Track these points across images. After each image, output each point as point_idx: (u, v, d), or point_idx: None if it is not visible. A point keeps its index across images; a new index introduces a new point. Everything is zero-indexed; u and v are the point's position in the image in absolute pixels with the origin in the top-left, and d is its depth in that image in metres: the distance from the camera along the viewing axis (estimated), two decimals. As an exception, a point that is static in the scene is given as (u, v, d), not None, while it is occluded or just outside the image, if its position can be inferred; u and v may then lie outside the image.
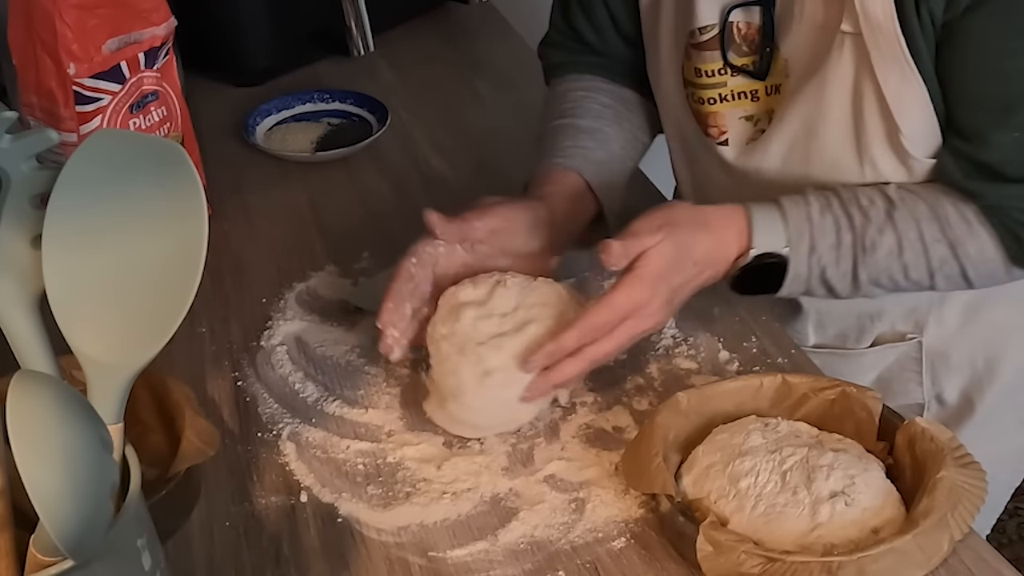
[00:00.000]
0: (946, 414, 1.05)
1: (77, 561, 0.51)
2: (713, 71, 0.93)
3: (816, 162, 0.89)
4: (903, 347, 1.02)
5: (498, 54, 1.50)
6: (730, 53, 0.91)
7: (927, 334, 1.01)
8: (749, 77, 0.91)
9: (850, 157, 0.87)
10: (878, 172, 0.87)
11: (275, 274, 1.03)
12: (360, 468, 0.81)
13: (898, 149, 0.85)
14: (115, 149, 0.59)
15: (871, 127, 0.85)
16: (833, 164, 0.88)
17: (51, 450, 0.50)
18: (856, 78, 0.83)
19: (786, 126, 0.89)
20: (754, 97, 0.92)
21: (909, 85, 0.82)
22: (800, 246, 0.84)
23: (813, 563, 0.66)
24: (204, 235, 0.56)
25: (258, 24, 1.37)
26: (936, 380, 1.03)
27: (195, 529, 0.77)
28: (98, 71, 0.96)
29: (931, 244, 0.84)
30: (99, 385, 0.57)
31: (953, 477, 0.71)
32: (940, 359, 1.02)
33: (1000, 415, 1.05)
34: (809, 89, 0.86)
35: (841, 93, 0.85)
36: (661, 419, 0.77)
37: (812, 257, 0.84)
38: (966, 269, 0.85)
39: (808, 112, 0.87)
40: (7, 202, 0.57)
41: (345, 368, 0.91)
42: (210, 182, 1.08)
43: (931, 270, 0.85)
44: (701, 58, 0.93)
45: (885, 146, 0.85)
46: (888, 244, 0.84)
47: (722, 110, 0.94)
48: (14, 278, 0.57)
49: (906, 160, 0.85)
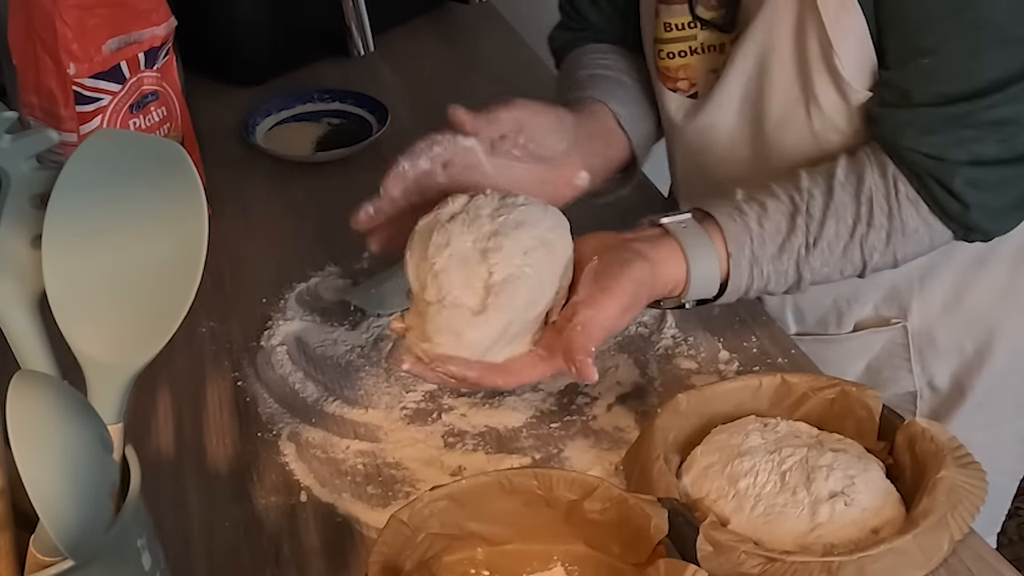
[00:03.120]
0: (939, 400, 1.05)
1: (77, 561, 0.51)
2: (683, 24, 0.93)
3: (767, 100, 0.89)
4: (888, 332, 1.02)
5: (498, 54, 1.50)
6: (698, 7, 0.92)
7: (911, 319, 1.01)
8: (716, 30, 0.92)
9: (796, 89, 0.87)
10: (820, 106, 0.86)
11: (275, 274, 1.03)
12: (360, 468, 0.81)
13: (836, 77, 0.84)
14: (115, 149, 0.59)
15: (811, 52, 0.84)
16: (783, 100, 0.88)
17: (51, 450, 0.50)
18: (800, 5, 0.84)
19: (739, 66, 0.90)
20: (721, 50, 0.93)
21: (847, 11, 0.81)
22: (741, 263, 0.81)
23: (813, 563, 0.66)
24: (204, 235, 0.56)
25: (258, 24, 1.37)
26: (926, 366, 1.03)
27: (195, 529, 0.77)
28: (98, 71, 0.96)
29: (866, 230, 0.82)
30: (99, 385, 0.57)
31: (953, 477, 0.71)
32: (927, 344, 1.02)
33: (994, 401, 1.05)
34: (758, 25, 0.87)
35: (786, 22, 0.85)
36: (661, 421, 0.77)
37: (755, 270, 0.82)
38: (895, 249, 0.83)
39: (758, 48, 0.88)
40: (7, 202, 0.57)
41: (345, 368, 0.91)
42: (210, 182, 1.07)
43: (864, 260, 0.83)
44: (670, 12, 0.94)
45: (825, 75, 0.85)
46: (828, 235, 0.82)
47: (692, 63, 0.95)
48: (14, 278, 0.57)
49: (844, 89, 0.85)
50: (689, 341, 0.93)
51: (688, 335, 0.94)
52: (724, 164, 0.97)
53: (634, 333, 0.94)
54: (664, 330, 0.94)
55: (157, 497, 0.76)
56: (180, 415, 0.87)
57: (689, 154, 1.01)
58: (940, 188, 0.81)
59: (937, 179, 0.80)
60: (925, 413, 1.06)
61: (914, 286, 0.99)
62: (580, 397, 0.87)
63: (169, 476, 0.82)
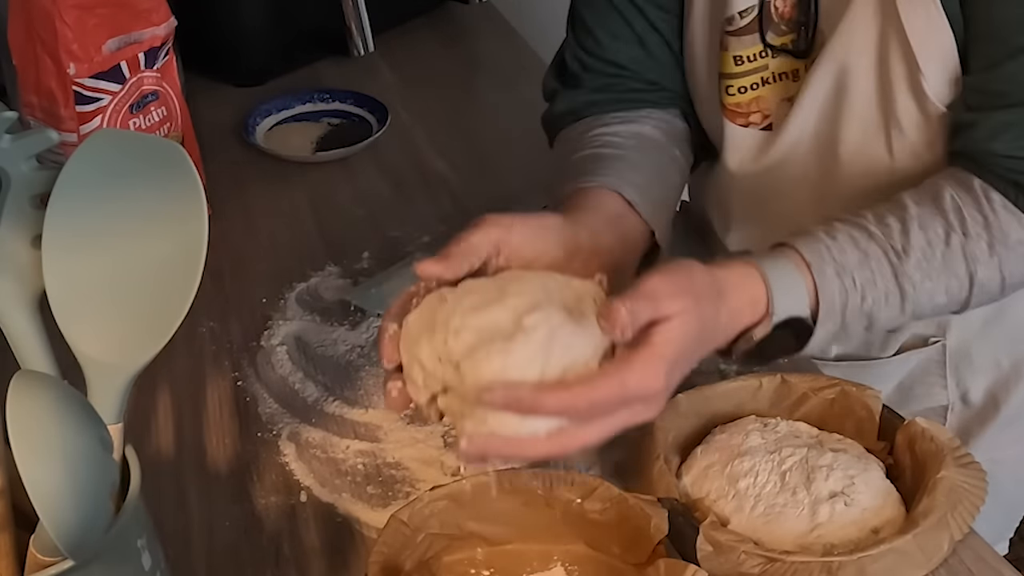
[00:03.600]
0: (971, 414, 1.02)
1: (77, 561, 0.51)
2: (754, 55, 0.89)
3: (844, 123, 0.85)
4: (926, 352, 0.98)
5: (498, 54, 1.50)
6: (768, 34, 0.88)
7: (950, 336, 0.97)
8: (790, 56, 0.88)
9: (876, 111, 0.83)
10: (901, 128, 0.82)
11: (275, 274, 1.03)
12: (360, 468, 0.81)
13: (919, 95, 0.80)
14: (115, 149, 0.59)
15: (895, 72, 0.80)
16: (861, 123, 0.84)
17: (51, 450, 0.50)
18: (882, 24, 0.80)
19: (816, 90, 0.85)
20: (795, 77, 0.89)
21: (933, 23, 0.78)
22: (826, 272, 0.71)
23: (813, 563, 0.66)
24: (204, 235, 0.56)
25: (258, 24, 1.37)
26: (961, 381, 1.00)
27: (195, 529, 0.77)
28: (98, 71, 0.96)
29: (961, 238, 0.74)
30: (99, 385, 0.57)
31: (953, 477, 0.71)
32: (964, 360, 0.99)
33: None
34: (835, 46, 0.83)
35: (867, 42, 0.81)
36: (661, 422, 0.77)
37: (844, 279, 0.72)
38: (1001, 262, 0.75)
39: (836, 70, 0.84)
40: (7, 202, 0.57)
41: (345, 368, 0.91)
42: (210, 182, 1.07)
43: (970, 273, 0.75)
44: (740, 44, 0.89)
45: (908, 94, 0.81)
46: (919, 245, 0.73)
47: (764, 94, 0.90)
48: (14, 278, 0.57)
49: (927, 109, 0.81)
50: (689, 341, 0.93)
51: (688, 335, 0.93)
52: (792, 198, 0.92)
53: (634, 333, 0.94)
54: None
55: (157, 497, 0.76)
56: (180, 415, 0.87)
57: (755, 192, 0.95)
58: None
59: None
60: (955, 426, 1.02)
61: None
62: (580, 397, 0.87)
63: (169, 476, 0.82)
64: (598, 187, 0.81)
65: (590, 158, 0.86)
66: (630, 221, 0.81)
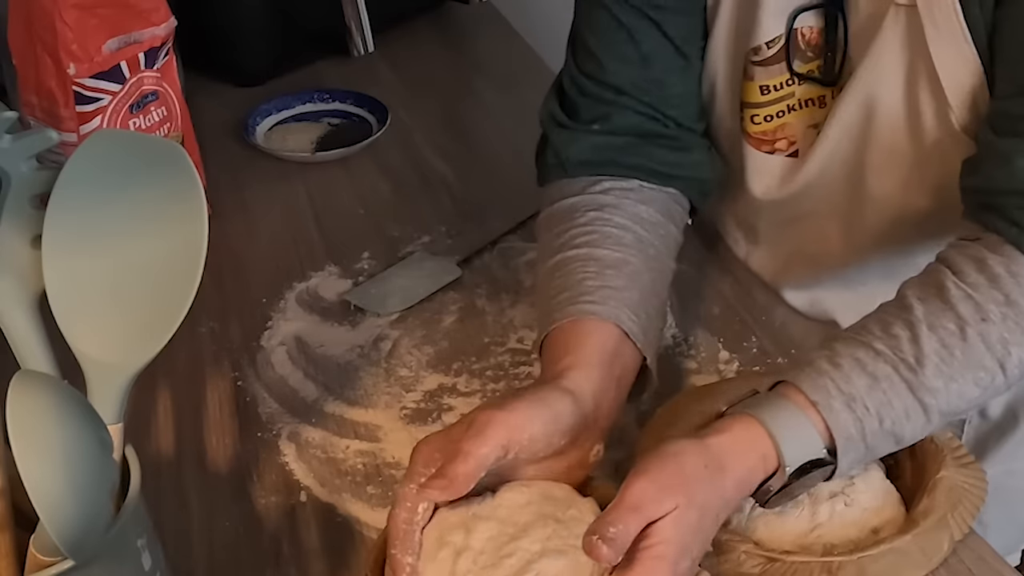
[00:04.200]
0: (988, 428, 1.00)
1: (77, 561, 0.51)
2: (780, 84, 0.88)
3: (872, 151, 0.84)
4: None
5: (498, 54, 1.50)
6: (795, 62, 0.87)
7: None
8: (816, 84, 0.87)
9: (904, 142, 0.81)
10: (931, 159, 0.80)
11: (275, 274, 1.03)
12: (360, 468, 0.81)
13: (948, 130, 0.79)
14: (115, 149, 0.59)
15: (924, 106, 0.79)
16: (889, 152, 0.83)
17: (51, 450, 0.50)
18: (911, 57, 0.79)
19: (843, 118, 0.84)
20: (821, 103, 0.88)
21: (963, 58, 0.76)
22: (833, 406, 0.66)
23: (813, 563, 0.66)
24: (204, 235, 0.56)
25: (258, 24, 1.37)
26: None
27: (195, 529, 0.77)
28: (98, 71, 0.96)
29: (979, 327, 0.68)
30: (99, 385, 0.57)
31: (953, 477, 0.71)
32: None
33: None
34: (863, 75, 0.81)
35: (895, 74, 0.80)
36: (661, 422, 0.77)
37: (856, 408, 0.67)
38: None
39: (863, 99, 0.82)
40: (7, 202, 0.57)
41: (345, 368, 0.91)
42: (210, 182, 1.08)
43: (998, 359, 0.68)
44: (767, 74, 0.88)
45: (936, 126, 0.79)
46: (932, 350, 0.67)
47: (790, 121, 0.89)
48: (14, 278, 0.57)
49: (958, 143, 0.78)
50: (689, 341, 0.93)
51: (688, 335, 0.93)
52: (820, 222, 0.91)
53: (634, 333, 0.94)
54: (664, 330, 0.94)
55: (157, 497, 0.76)
56: (180, 415, 0.87)
57: (782, 215, 0.94)
58: None
59: None
60: (971, 440, 0.99)
61: None
62: (580, 397, 0.87)
63: (169, 476, 0.82)
64: (595, 319, 0.75)
65: (586, 263, 0.79)
66: (625, 357, 0.75)
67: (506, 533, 0.64)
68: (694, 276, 1.00)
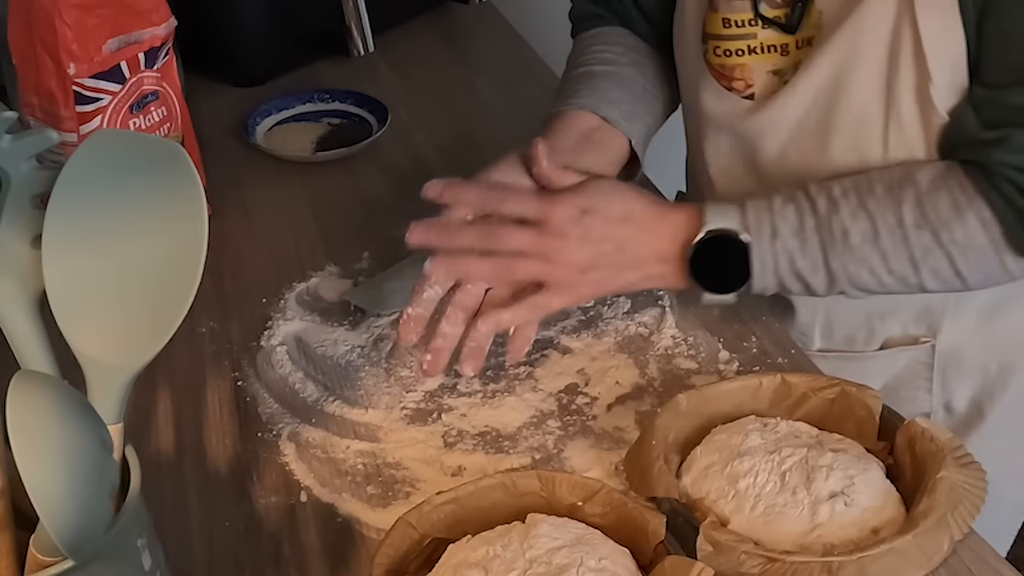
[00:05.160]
0: (953, 423, 1.02)
1: (77, 561, 0.51)
2: (743, 21, 0.89)
3: (840, 114, 0.85)
4: (914, 351, 0.98)
5: (498, 54, 1.50)
6: (762, 4, 0.88)
7: (940, 338, 0.97)
8: (780, 30, 0.88)
9: (877, 109, 0.84)
10: (902, 127, 0.83)
11: (275, 274, 1.03)
12: (360, 468, 0.81)
13: (924, 102, 0.81)
14: (115, 149, 0.59)
15: (903, 76, 0.81)
16: (859, 117, 0.85)
17: (51, 450, 0.50)
18: (896, 23, 0.80)
19: (813, 75, 0.85)
20: (784, 51, 0.89)
21: (949, 31, 0.78)
22: (761, 231, 0.81)
23: (813, 563, 0.66)
24: (204, 235, 0.56)
25: (258, 24, 1.37)
26: (946, 386, 1.00)
27: (195, 529, 0.77)
28: (98, 71, 0.96)
29: (911, 229, 0.79)
30: (99, 385, 0.57)
31: (953, 477, 0.71)
32: (953, 364, 0.99)
33: (1010, 427, 1.02)
34: (843, 36, 0.83)
35: (878, 39, 0.81)
36: (661, 422, 0.77)
37: (776, 243, 0.81)
38: (954, 259, 0.79)
39: (839, 60, 0.83)
40: (7, 202, 0.57)
41: (345, 368, 0.91)
42: (210, 182, 1.08)
43: (913, 260, 0.80)
44: (730, 8, 0.90)
45: (913, 98, 0.82)
46: (861, 230, 0.80)
47: (749, 63, 0.91)
48: (14, 278, 0.57)
49: (929, 116, 0.82)
50: (689, 341, 0.93)
51: (688, 335, 0.94)
52: (773, 167, 0.93)
53: (634, 333, 0.94)
54: (664, 330, 0.94)
55: (157, 497, 0.76)
56: (180, 415, 0.87)
57: (732, 154, 0.96)
58: None
59: None
60: None
61: (948, 305, 0.95)
62: (580, 397, 0.88)
63: (169, 476, 0.82)
64: (574, 110, 0.93)
65: (579, 78, 0.98)
66: (604, 132, 0.92)
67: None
68: (694, 276, 1.00)
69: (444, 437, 0.84)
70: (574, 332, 0.94)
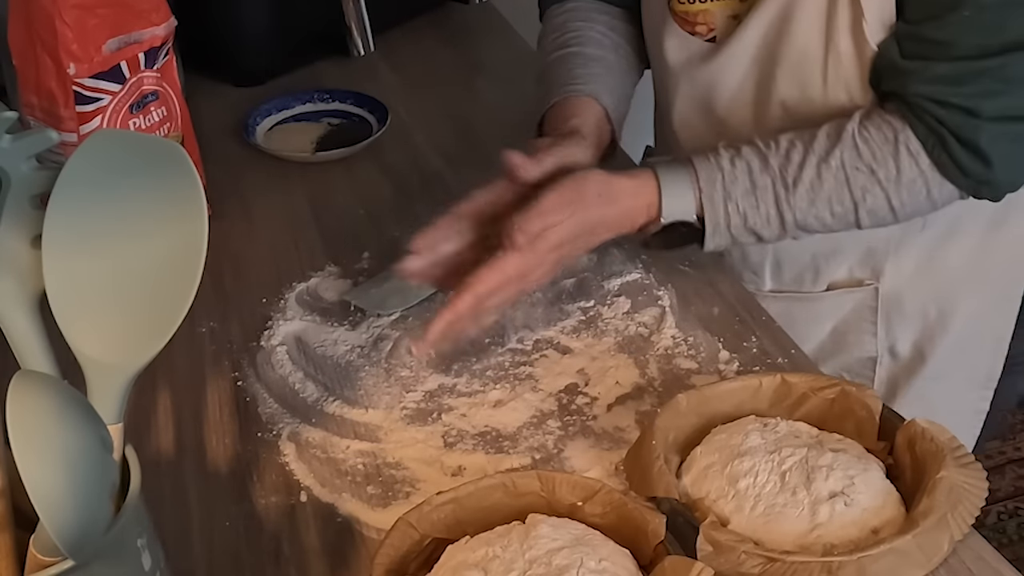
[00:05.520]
0: (898, 367, 1.08)
1: (77, 561, 0.51)
2: None
3: (785, 51, 0.91)
4: (859, 294, 1.04)
5: (498, 54, 1.50)
6: None
7: (883, 281, 1.03)
8: None
9: (817, 45, 0.89)
10: (840, 61, 0.89)
11: (275, 274, 1.03)
12: (360, 468, 0.81)
13: (859, 37, 0.87)
14: (115, 149, 0.59)
15: (840, 13, 0.87)
16: (802, 52, 0.90)
17: (51, 450, 0.50)
18: None
19: (763, 15, 0.91)
20: None
21: None
22: (714, 198, 0.87)
23: (813, 563, 0.66)
24: (204, 235, 0.56)
25: (258, 24, 1.37)
26: (890, 330, 1.06)
27: (195, 529, 0.77)
28: (98, 71, 0.96)
29: (851, 171, 0.86)
30: (99, 385, 0.57)
31: (953, 477, 0.71)
32: (895, 307, 1.05)
33: (951, 371, 1.08)
34: None
35: None
36: (661, 422, 0.77)
37: (729, 205, 0.87)
38: (890, 196, 0.86)
39: (786, 1, 0.89)
40: (7, 202, 0.57)
41: (345, 368, 0.91)
42: (210, 182, 1.08)
43: (854, 201, 0.87)
44: None
45: (849, 34, 0.87)
46: (808, 178, 0.86)
47: (711, 8, 0.96)
48: (14, 278, 0.57)
49: (863, 50, 0.88)
50: (689, 341, 0.93)
51: (688, 335, 0.94)
52: (728, 108, 0.98)
53: (634, 333, 0.94)
54: (664, 330, 0.94)
55: (157, 497, 0.76)
56: (180, 415, 0.87)
57: (694, 98, 1.01)
58: (960, 145, 0.83)
59: (961, 135, 0.82)
60: (883, 380, 1.09)
61: (890, 249, 1.02)
62: (580, 397, 0.88)
63: (169, 476, 0.82)
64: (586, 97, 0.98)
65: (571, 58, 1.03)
66: (605, 128, 0.98)
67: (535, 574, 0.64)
68: (694, 276, 1.00)
69: (444, 437, 0.84)
70: (574, 332, 0.94)
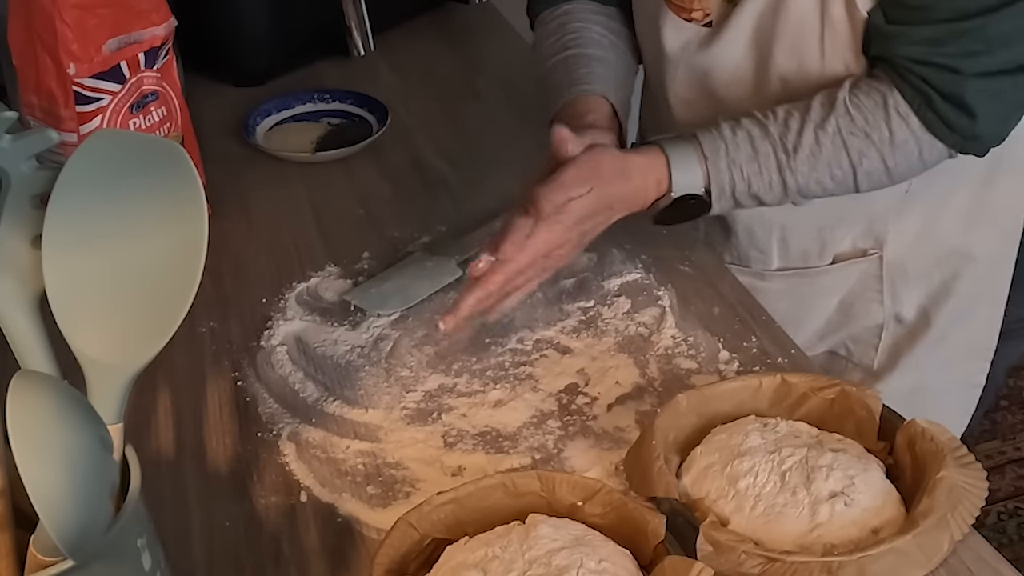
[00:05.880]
0: (903, 332, 1.10)
1: (77, 561, 0.51)
2: None
3: (782, 26, 0.92)
4: (864, 264, 1.07)
5: (498, 54, 1.50)
6: None
7: (887, 249, 1.06)
8: None
9: (813, 17, 0.91)
10: (835, 31, 0.91)
11: (275, 274, 1.03)
12: (360, 468, 0.81)
13: (851, 6, 0.89)
14: (115, 149, 0.59)
15: None
16: (798, 25, 0.92)
17: (51, 450, 0.50)
18: None
19: None
20: None
21: None
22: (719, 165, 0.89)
23: (813, 563, 0.66)
24: (204, 235, 0.56)
25: (258, 24, 1.37)
26: (896, 297, 1.08)
27: (195, 529, 0.77)
28: (98, 71, 0.96)
29: (847, 136, 0.88)
30: (99, 385, 0.57)
31: (953, 477, 0.71)
32: (899, 274, 1.07)
33: (952, 334, 1.10)
34: None
35: None
36: (661, 422, 0.77)
37: (733, 171, 0.90)
38: (884, 157, 0.89)
39: None
40: (7, 202, 0.57)
41: (345, 368, 0.91)
42: (210, 182, 1.07)
43: (852, 165, 0.89)
44: None
45: (842, 4, 0.89)
46: (807, 143, 0.89)
47: None
48: (14, 278, 0.57)
49: (856, 18, 0.90)
50: (689, 341, 0.93)
51: (688, 335, 0.94)
52: (728, 89, 0.99)
53: (634, 333, 0.94)
54: (664, 330, 0.94)
55: (157, 497, 0.76)
56: (180, 415, 0.87)
57: (691, 84, 1.02)
58: (946, 102, 0.86)
59: (946, 93, 0.86)
60: (888, 346, 1.11)
61: (890, 217, 1.04)
62: (580, 397, 0.88)
63: (169, 476, 0.82)
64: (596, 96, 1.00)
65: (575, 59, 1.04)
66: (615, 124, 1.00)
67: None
68: (694, 276, 1.00)
69: (444, 437, 0.84)
70: (574, 332, 0.95)
